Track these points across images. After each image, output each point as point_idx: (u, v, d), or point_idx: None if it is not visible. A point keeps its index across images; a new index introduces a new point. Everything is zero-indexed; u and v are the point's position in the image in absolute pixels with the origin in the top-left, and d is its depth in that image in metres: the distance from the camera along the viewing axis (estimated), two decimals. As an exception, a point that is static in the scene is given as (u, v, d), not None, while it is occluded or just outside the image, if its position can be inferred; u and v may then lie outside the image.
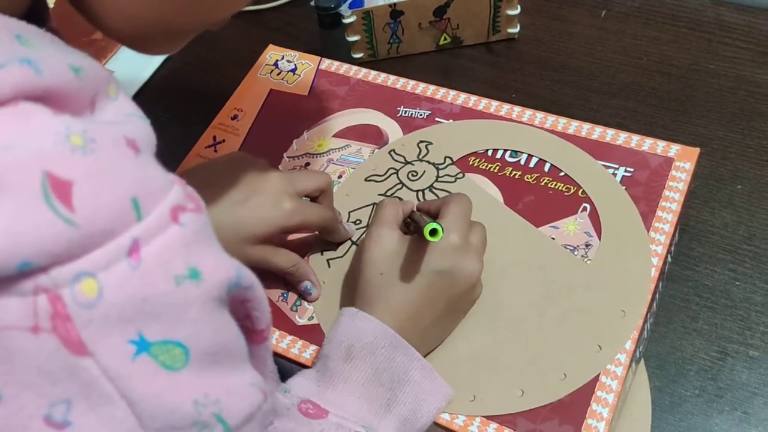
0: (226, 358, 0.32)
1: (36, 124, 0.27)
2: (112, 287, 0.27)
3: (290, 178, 0.61)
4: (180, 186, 0.31)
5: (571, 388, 0.54)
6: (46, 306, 0.26)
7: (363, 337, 0.52)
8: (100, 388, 0.28)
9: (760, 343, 0.62)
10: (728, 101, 0.77)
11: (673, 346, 0.62)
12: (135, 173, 0.29)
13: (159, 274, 0.28)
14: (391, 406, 0.51)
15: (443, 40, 0.85)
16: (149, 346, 0.28)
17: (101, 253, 0.27)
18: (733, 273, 0.66)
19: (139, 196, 0.28)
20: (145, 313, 0.28)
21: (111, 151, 0.28)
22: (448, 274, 0.54)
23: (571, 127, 0.68)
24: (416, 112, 0.72)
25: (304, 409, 0.49)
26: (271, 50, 0.81)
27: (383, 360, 0.51)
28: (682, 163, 0.63)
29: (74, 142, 0.27)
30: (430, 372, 0.53)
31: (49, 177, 0.26)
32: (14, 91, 0.27)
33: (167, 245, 0.29)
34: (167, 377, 0.29)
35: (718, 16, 0.85)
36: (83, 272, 0.27)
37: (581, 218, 0.62)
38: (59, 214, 0.26)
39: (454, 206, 0.57)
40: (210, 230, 0.31)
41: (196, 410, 0.30)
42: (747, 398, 0.59)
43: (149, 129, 0.32)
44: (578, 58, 0.83)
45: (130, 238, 0.27)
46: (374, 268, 0.55)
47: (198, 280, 0.30)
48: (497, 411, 0.54)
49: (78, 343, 0.27)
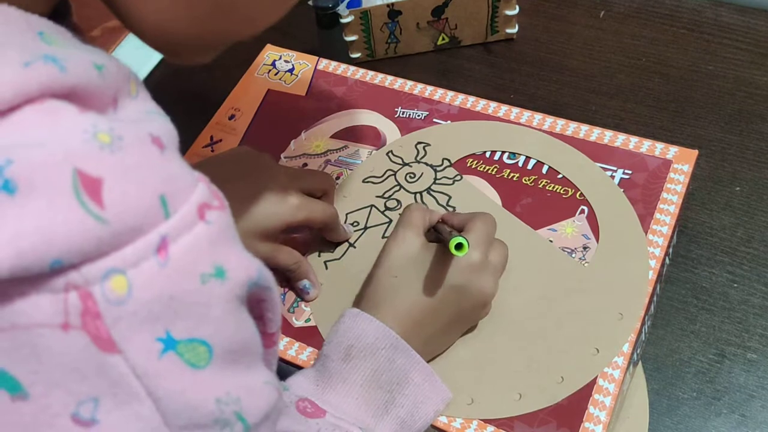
0: (246, 357, 0.32)
1: (64, 122, 0.27)
2: (141, 285, 0.27)
3: (296, 175, 0.62)
4: (205, 183, 0.31)
5: (568, 391, 0.54)
6: (76, 303, 0.26)
7: (364, 337, 0.52)
8: (128, 385, 0.28)
9: (758, 346, 0.62)
10: (727, 103, 0.77)
11: (671, 349, 0.62)
12: (161, 170, 0.29)
13: (186, 272, 0.28)
14: (389, 408, 0.51)
15: (441, 40, 0.85)
16: (176, 344, 0.28)
17: (130, 250, 0.27)
18: (731, 275, 0.66)
19: (167, 194, 0.28)
20: (172, 311, 0.28)
21: (137, 149, 0.28)
22: (462, 289, 0.54)
23: (570, 128, 0.67)
24: (414, 113, 0.72)
25: (302, 407, 0.49)
26: (269, 50, 0.81)
27: (383, 361, 0.51)
28: (681, 165, 0.63)
29: (102, 140, 0.27)
30: (431, 375, 0.52)
31: (80, 174, 0.26)
32: (41, 89, 0.27)
33: (194, 243, 0.29)
34: (192, 375, 0.29)
35: (717, 17, 0.84)
36: (113, 269, 0.27)
37: (579, 221, 0.62)
38: (90, 212, 0.26)
39: (479, 223, 0.56)
40: (233, 228, 0.31)
41: (218, 408, 0.30)
42: (745, 401, 0.59)
43: (171, 126, 0.32)
44: (577, 59, 0.83)
45: (159, 236, 0.27)
46: (389, 270, 0.55)
47: (223, 278, 0.30)
48: (494, 414, 0.54)
49: (108, 341, 0.27)
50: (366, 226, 0.66)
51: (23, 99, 0.27)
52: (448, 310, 0.54)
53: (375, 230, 0.65)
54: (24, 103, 0.27)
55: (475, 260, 0.54)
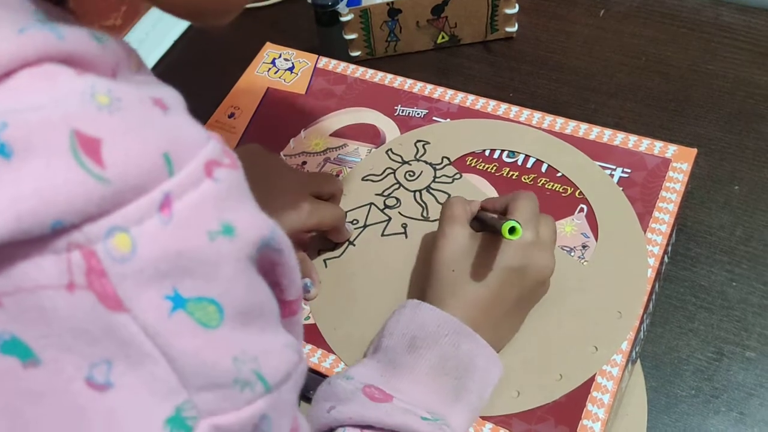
0: (259, 319, 0.32)
1: (61, 85, 0.27)
2: (145, 242, 0.27)
3: (306, 179, 0.62)
4: (217, 141, 0.30)
5: (567, 388, 0.54)
6: (80, 262, 0.26)
7: (426, 327, 0.52)
8: (139, 345, 0.27)
9: (756, 344, 0.62)
10: (726, 102, 0.77)
11: (670, 347, 0.62)
12: (164, 129, 0.28)
13: (191, 229, 0.28)
14: (460, 395, 0.51)
15: (441, 38, 0.85)
16: (185, 302, 0.28)
17: (133, 208, 0.27)
18: (730, 274, 0.66)
19: (171, 151, 0.28)
20: (180, 269, 0.28)
21: (138, 109, 0.28)
22: (521, 270, 0.54)
23: (569, 127, 0.68)
24: (414, 111, 0.72)
25: (369, 393, 0.49)
26: (269, 48, 0.81)
27: (448, 348, 0.51)
28: (680, 163, 0.63)
29: (100, 101, 0.27)
30: (495, 358, 0.53)
31: (77, 135, 0.26)
32: (38, 54, 0.27)
33: (200, 200, 0.28)
34: (204, 335, 0.29)
35: (717, 16, 0.84)
36: (116, 227, 0.26)
37: (578, 219, 0.62)
38: (90, 171, 0.26)
39: (523, 201, 0.55)
40: (246, 187, 0.31)
41: (236, 367, 0.30)
42: (743, 399, 0.59)
43: (175, 92, 0.32)
44: (576, 58, 0.83)
45: (162, 193, 0.27)
46: (446, 266, 0.55)
47: (232, 236, 0.29)
48: (493, 411, 0.54)
49: (114, 299, 0.26)
50: (365, 224, 0.66)
51: (20, 63, 0.26)
52: (511, 292, 0.54)
53: (374, 228, 0.65)
54: (21, 67, 0.27)
55: (528, 239, 0.53)
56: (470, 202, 0.59)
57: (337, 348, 0.59)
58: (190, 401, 0.28)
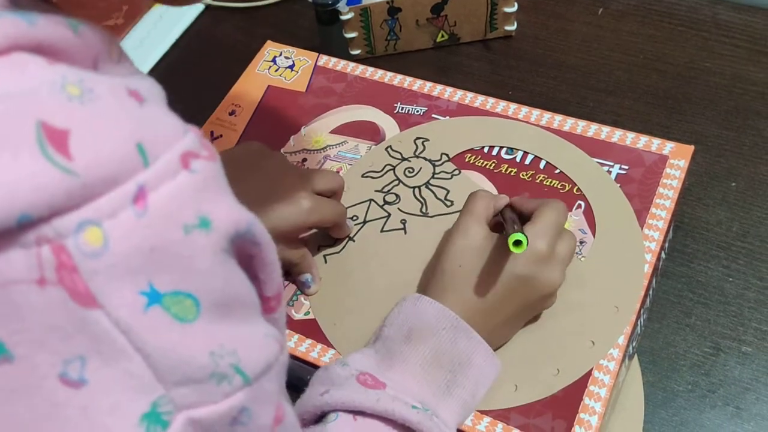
0: (239, 310, 0.31)
1: (30, 74, 0.27)
2: (118, 236, 0.26)
3: (308, 176, 0.62)
4: (195, 134, 0.30)
5: (564, 382, 0.55)
6: (50, 257, 0.25)
7: (424, 319, 0.52)
8: (113, 341, 0.27)
9: (752, 339, 0.62)
10: (723, 99, 0.78)
11: (667, 342, 0.63)
12: (138, 120, 0.28)
13: (167, 222, 0.27)
14: (451, 389, 0.51)
15: (440, 37, 0.86)
16: (161, 297, 0.27)
17: (105, 201, 0.26)
18: (726, 270, 0.66)
19: (145, 142, 0.27)
20: (155, 263, 0.27)
21: (110, 100, 0.28)
22: (528, 280, 0.53)
23: (567, 124, 0.68)
24: (413, 109, 0.73)
25: (363, 379, 0.50)
26: (269, 46, 0.81)
27: (444, 342, 0.51)
28: (677, 160, 0.64)
29: (70, 92, 0.27)
30: (492, 356, 0.53)
31: (44, 126, 0.25)
32: (8, 42, 0.26)
33: (176, 192, 0.28)
34: (181, 329, 0.28)
35: (714, 14, 0.85)
36: (86, 221, 0.26)
37: (576, 215, 0.63)
38: (56, 164, 0.25)
39: (548, 212, 0.55)
40: (224, 179, 0.30)
41: (213, 361, 0.29)
42: (739, 393, 0.60)
43: (154, 83, 0.31)
44: (575, 56, 0.84)
45: (136, 185, 0.26)
46: (455, 260, 0.55)
47: (208, 229, 0.28)
48: (491, 405, 0.55)
49: (86, 295, 0.26)
50: (365, 220, 0.66)
51: None
52: (515, 300, 0.54)
53: (374, 224, 0.66)
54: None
55: (541, 250, 0.53)
56: (497, 198, 0.58)
57: (336, 343, 0.60)
58: (166, 396, 0.28)
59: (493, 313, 0.54)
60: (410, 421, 0.47)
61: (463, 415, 0.52)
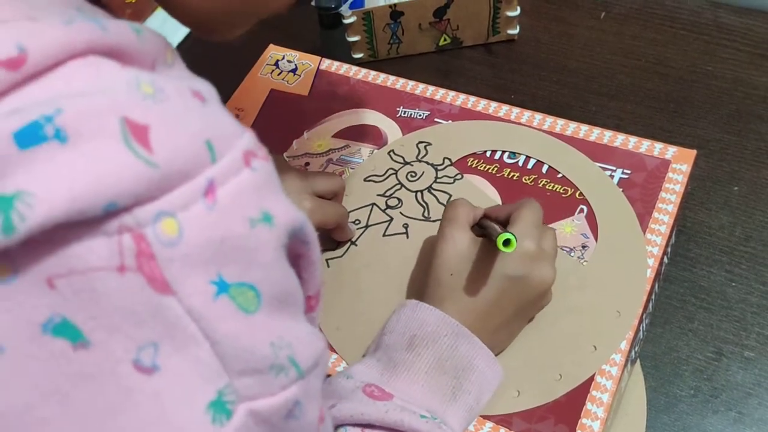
0: (291, 306, 0.32)
1: (107, 74, 0.28)
2: (191, 227, 0.27)
3: (308, 178, 0.62)
4: (251, 134, 0.31)
5: (566, 388, 0.55)
6: (130, 245, 0.26)
7: (425, 326, 0.52)
8: (185, 328, 0.28)
9: (755, 344, 0.62)
10: (726, 103, 0.78)
11: (669, 347, 0.63)
12: (205, 118, 0.29)
13: (234, 215, 0.28)
14: (456, 395, 0.51)
15: (443, 40, 0.86)
16: (228, 287, 0.28)
17: (179, 193, 0.27)
18: (729, 274, 0.66)
19: (213, 139, 0.28)
20: (223, 254, 0.28)
21: (179, 99, 0.29)
22: (522, 280, 0.54)
23: (569, 128, 0.68)
24: (415, 113, 0.73)
25: (369, 391, 0.50)
26: (272, 50, 0.81)
27: (446, 348, 0.51)
28: (679, 165, 0.64)
29: (145, 90, 0.28)
30: (494, 361, 0.53)
31: (127, 121, 0.27)
32: (85, 45, 0.28)
33: (241, 188, 0.29)
34: (244, 319, 0.29)
35: (716, 18, 0.85)
36: (163, 212, 0.27)
37: (578, 220, 0.63)
38: (140, 156, 0.26)
39: (526, 211, 0.55)
40: (277, 179, 0.32)
41: (273, 352, 0.30)
42: (742, 398, 0.60)
43: (210, 86, 0.32)
44: (577, 60, 0.84)
45: (206, 179, 0.28)
46: (446, 269, 0.55)
47: (270, 224, 0.30)
48: (493, 411, 0.55)
49: (162, 282, 0.27)
50: (367, 224, 0.66)
51: (68, 55, 0.27)
52: (511, 301, 0.54)
53: (376, 228, 0.66)
54: (68, 58, 0.27)
55: (529, 249, 0.53)
56: (475, 208, 0.58)
57: (339, 347, 0.60)
58: (230, 385, 0.29)
59: (491, 316, 0.54)
60: (419, 430, 0.47)
61: (469, 421, 0.52)
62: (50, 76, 0.27)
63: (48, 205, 0.25)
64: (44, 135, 0.25)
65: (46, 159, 0.25)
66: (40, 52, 0.26)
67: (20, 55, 0.26)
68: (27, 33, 0.27)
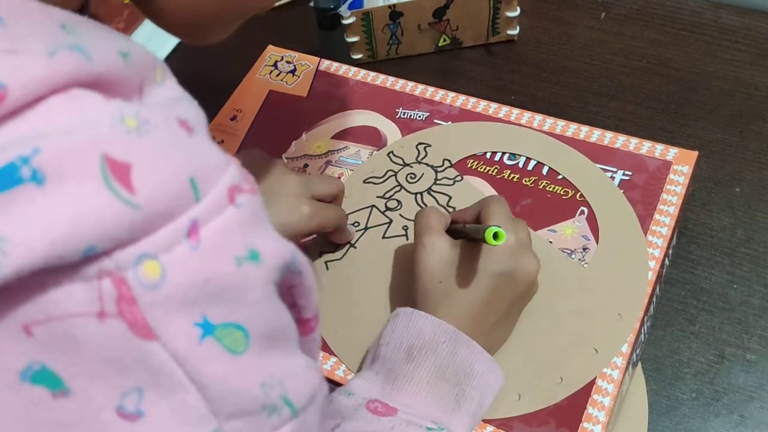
0: (283, 342, 0.32)
1: (89, 109, 0.27)
2: (174, 269, 0.26)
3: (307, 182, 0.62)
4: (236, 166, 0.30)
5: (567, 391, 0.54)
6: (110, 289, 0.26)
7: (422, 335, 0.52)
8: (170, 373, 0.27)
9: (757, 347, 0.62)
10: (727, 104, 0.77)
11: (671, 349, 0.62)
12: (190, 153, 0.28)
13: (219, 255, 0.28)
14: (460, 402, 0.51)
15: (442, 41, 0.85)
16: (213, 328, 0.28)
17: (162, 234, 0.26)
18: (731, 276, 0.66)
19: (197, 177, 0.28)
20: (208, 295, 0.27)
21: (165, 132, 0.28)
22: (509, 274, 0.54)
23: (570, 129, 0.68)
24: (415, 114, 0.72)
25: (373, 407, 0.49)
26: (271, 51, 0.81)
27: (446, 355, 0.51)
28: (681, 166, 0.63)
29: (129, 125, 0.27)
30: (493, 365, 0.53)
31: (108, 160, 0.26)
32: (66, 79, 0.27)
33: (226, 227, 0.28)
34: (232, 361, 0.28)
35: (717, 18, 0.85)
36: (145, 254, 0.26)
37: (579, 222, 0.62)
38: (121, 197, 0.26)
39: (495, 207, 0.56)
40: (264, 212, 0.31)
41: (264, 393, 0.29)
42: (744, 401, 0.59)
43: (198, 109, 0.32)
44: (577, 60, 0.83)
45: (189, 220, 0.27)
46: (432, 277, 0.55)
47: (258, 261, 0.29)
48: (494, 415, 0.54)
49: (144, 327, 0.26)
50: (366, 226, 0.66)
51: (50, 89, 0.26)
52: (502, 297, 0.54)
53: (375, 230, 0.65)
54: (50, 93, 0.26)
55: (511, 243, 0.54)
56: (444, 214, 0.58)
57: (337, 350, 0.60)
58: (219, 430, 0.28)
59: (485, 316, 0.54)
60: None
61: (473, 426, 0.52)
62: (31, 113, 0.26)
63: (23, 250, 0.24)
64: (20, 177, 0.24)
65: (22, 202, 0.24)
66: (20, 88, 0.26)
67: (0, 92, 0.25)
68: (7, 68, 0.26)
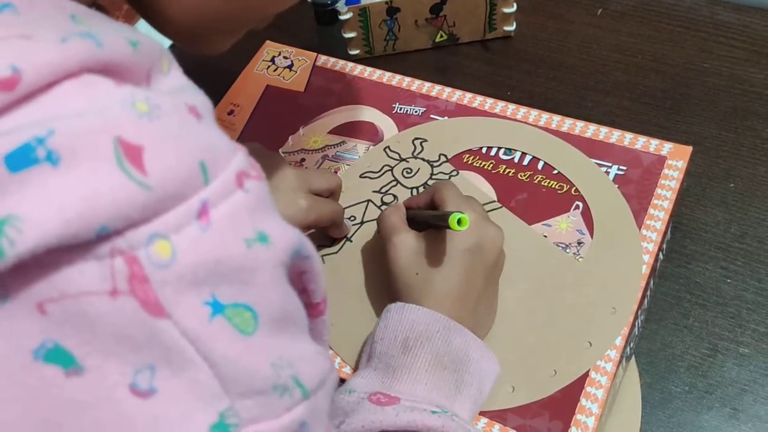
0: (292, 327, 0.32)
1: (102, 93, 0.28)
2: (184, 249, 0.27)
3: (305, 176, 0.62)
4: (243, 153, 0.31)
5: (561, 384, 0.55)
6: (123, 268, 0.26)
7: (416, 326, 0.52)
8: (181, 351, 0.27)
9: (750, 341, 0.62)
10: (722, 100, 0.77)
11: (664, 343, 0.63)
12: (200, 138, 0.29)
13: (229, 236, 0.28)
14: (460, 387, 0.51)
15: (439, 37, 0.86)
16: (223, 308, 0.28)
17: (172, 215, 0.27)
18: (724, 271, 0.66)
19: (206, 160, 0.28)
20: (218, 275, 0.28)
21: (175, 117, 0.29)
22: (478, 248, 0.55)
23: (565, 124, 0.68)
24: (411, 109, 0.73)
25: (375, 399, 0.49)
26: (268, 46, 0.81)
27: (441, 344, 0.52)
28: (675, 161, 0.64)
29: (140, 108, 0.27)
30: (487, 351, 0.53)
31: (121, 142, 0.26)
32: (79, 65, 0.27)
33: (235, 209, 0.29)
34: (242, 341, 0.29)
35: (713, 15, 0.85)
36: (156, 234, 0.26)
37: (574, 216, 0.63)
38: (133, 178, 0.26)
39: (447, 190, 0.58)
40: (270, 199, 0.31)
41: (275, 372, 0.30)
42: (737, 395, 0.60)
43: (205, 97, 0.32)
44: (573, 56, 0.84)
45: (199, 201, 0.27)
46: (409, 270, 0.56)
47: (267, 244, 0.29)
48: (488, 407, 0.55)
49: (156, 304, 0.26)
50: (363, 220, 0.66)
51: (62, 75, 0.27)
52: (477, 272, 0.55)
53: (371, 225, 0.66)
54: (63, 78, 0.27)
55: (471, 219, 0.55)
56: (398, 208, 0.60)
57: (334, 344, 0.60)
58: (231, 408, 0.28)
59: (467, 295, 0.55)
60: (434, 426, 0.47)
61: (475, 412, 0.52)
62: (44, 97, 0.26)
63: (38, 229, 0.24)
64: (35, 157, 0.25)
65: (37, 182, 0.25)
66: (34, 73, 0.26)
67: (14, 76, 0.26)
68: (21, 53, 0.26)
